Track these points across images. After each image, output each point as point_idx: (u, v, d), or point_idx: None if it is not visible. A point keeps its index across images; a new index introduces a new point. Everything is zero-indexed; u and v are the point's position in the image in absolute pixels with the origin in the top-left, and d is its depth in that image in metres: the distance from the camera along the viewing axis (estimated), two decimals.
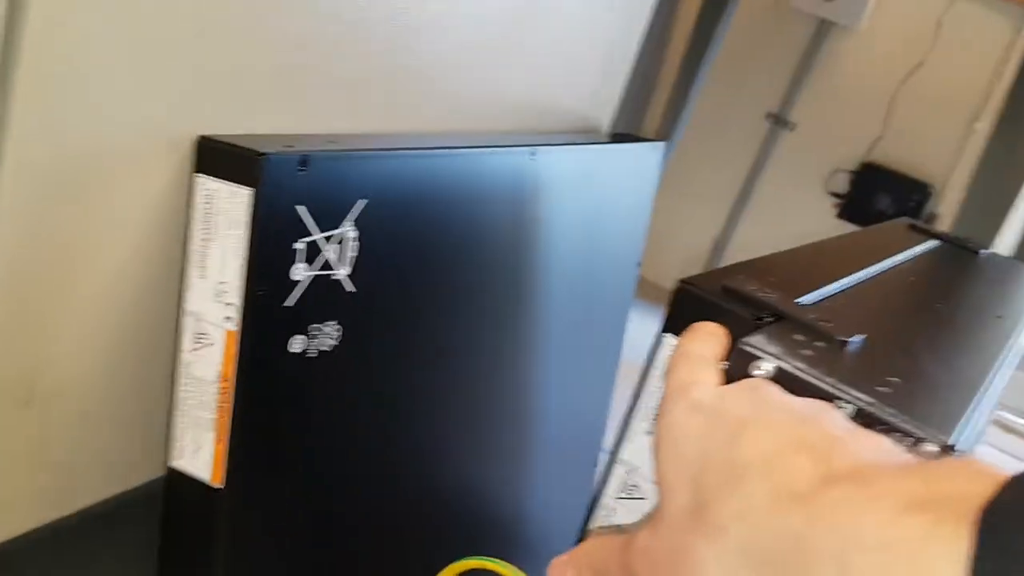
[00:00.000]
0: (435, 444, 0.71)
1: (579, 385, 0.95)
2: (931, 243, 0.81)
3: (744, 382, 0.36)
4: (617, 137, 0.94)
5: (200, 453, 0.50)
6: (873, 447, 0.31)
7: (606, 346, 0.99)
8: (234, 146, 0.46)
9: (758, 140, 2.59)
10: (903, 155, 2.37)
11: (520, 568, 0.48)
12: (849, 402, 0.36)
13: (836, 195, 2.48)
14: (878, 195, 2.38)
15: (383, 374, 0.61)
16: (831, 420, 0.32)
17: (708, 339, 0.40)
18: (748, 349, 0.38)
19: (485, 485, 0.81)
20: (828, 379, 0.37)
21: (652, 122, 2.17)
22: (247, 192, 0.45)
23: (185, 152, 0.48)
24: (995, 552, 0.23)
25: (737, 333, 0.41)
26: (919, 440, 0.35)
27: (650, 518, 0.34)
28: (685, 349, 0.39)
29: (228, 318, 0.47)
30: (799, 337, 0.41)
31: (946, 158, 2.32)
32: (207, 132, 0.48)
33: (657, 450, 0.34)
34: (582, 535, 0.50)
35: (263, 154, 0.45)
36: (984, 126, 2.00)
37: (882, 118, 2.39)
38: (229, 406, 0.48)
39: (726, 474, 0.30)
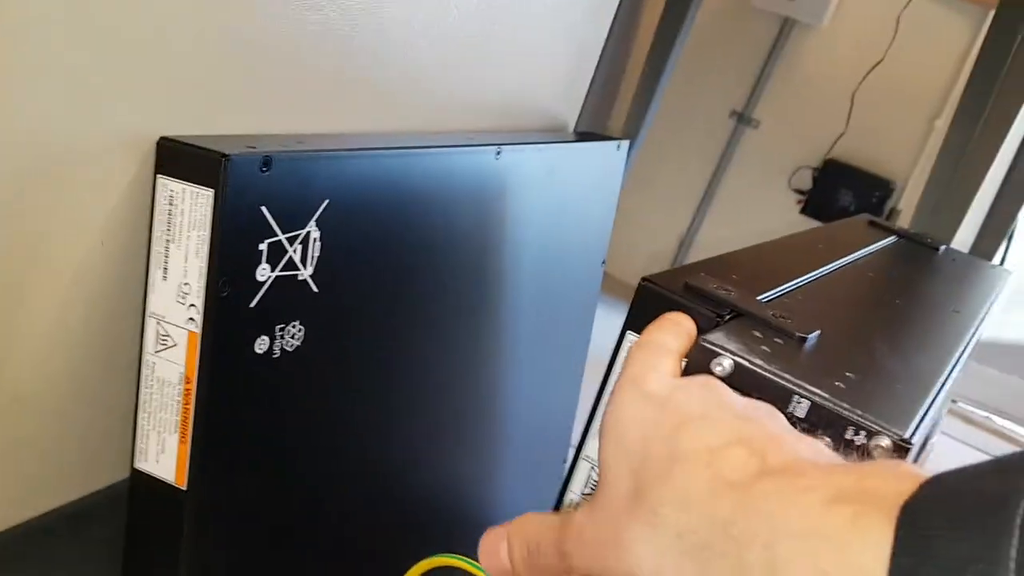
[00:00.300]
0: (402, 443, 0.71)
1: (546, 382, 0.96)
2: (890, 240, 0.82)
3: (697, 378, 0.37)
4: (582, 136, 0.95)
5: (164, 455, 0.50)
6: (809, 448, 0.32)
7: (572, 344, 0.99)
8: (196, 147, 0.46)
9: (723, 138, 2.62)
10: (865, 152, 2.41)
11: None
12: (805, 397, 0.37)
13: (800, 192, 2.51)
14: (841, 191, 2.41)
15: (348, 374, 0.61)
16: (773, 421, 0.33)
17: (673, 329, 0.40)
18: (707, 345, 0.39)
19: (452, 483, 0.81)
20: (785, 374, 0.38)
21: (617, 121, 2.18)
22: (209, 193, 0.45)
23: (147, 153, 0.47)
24: (914, 544, 0.24)
25: (698, 330, 0.42)
26: (874, 433, 0.36)
27: (589, 501, 0.35)
28: (648, 338, 0.40)
29: (191, 319, 0.47)
30: (758, 333, 0.42)
31: (907, 155, 2.36)
32: (169, 132, 0.48)
33: (603, 435, 0.35)
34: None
35: (226, 155, 0.45)
36: (943, 124, 2.03)
37: (844, 116, 2.42)
38: (193, 408, 0.48)
39: (667, 463, 0.31)
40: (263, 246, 0.48)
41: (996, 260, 1.53)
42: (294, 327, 0.53)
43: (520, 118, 0.86)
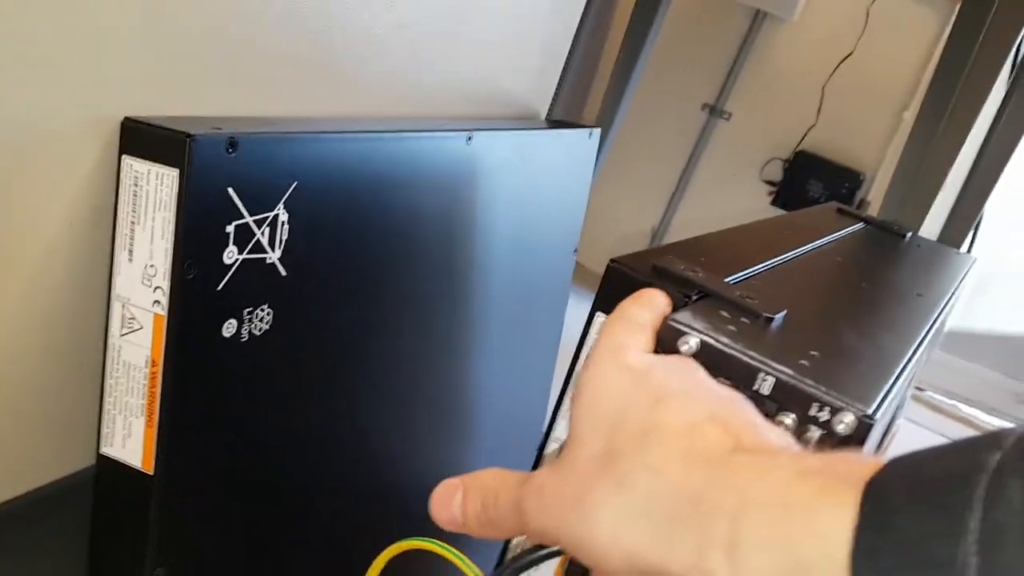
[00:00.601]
0: (373, 428, 0.71)
1: (518, 370, 0.96)
2: (858, 226, 0.83)
3: (675, 357, 0.37)
4: (554, 124, 0.95)
5: (130, 440, 0.49)
6: (780, 436, 0.33)
7: (545, 331, 1.00)
8: (161, 127, 0.45)
9: (695, 130, 2.63)
10: (835, 144, 2.43)
11: (460, 550, 0.48)
12: (771, 374, 0.37)
13: (771, 183, 2.53)
14: (811, 183, 2.43)
15: (318, 359, 0.60)
16: (748, 407, 0.34)
17: (648, 304, 0.40)
18: (674, 325, 0.39)
19: (424, 468, 0.81)
20: (751, 352, 0.38)
21: (591, 112, 2.19)
22: (174, 173, 0.44)
23: (111, 134, 0.47)
24: (877, 519, 0.24)
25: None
26: (838, 410, 0.36)
27: (554, 461, 0.35)
28: (624, 312, 0.40)
29: (157, 302, 0.47)
30: (725, 313, 0.42)
31: (876, 146, 2.38)
32: (134, 114, 0.47)
33: (577, 398, 0.35)
34: None
35: (190, 135, 0.44)
36: (911, 115, 2.05)
37: (815, 108, 2.44)
38: (159, 391, 0.48)
39: (644, 431, 0.31)
40: (230, 228, 0.48)
41: (963, 249, 1.55)
42: (262, 311, 0.53)
43: (492, 106, 0.86)
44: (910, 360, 0.48)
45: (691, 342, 0.39)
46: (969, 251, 1.61)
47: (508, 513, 0.35)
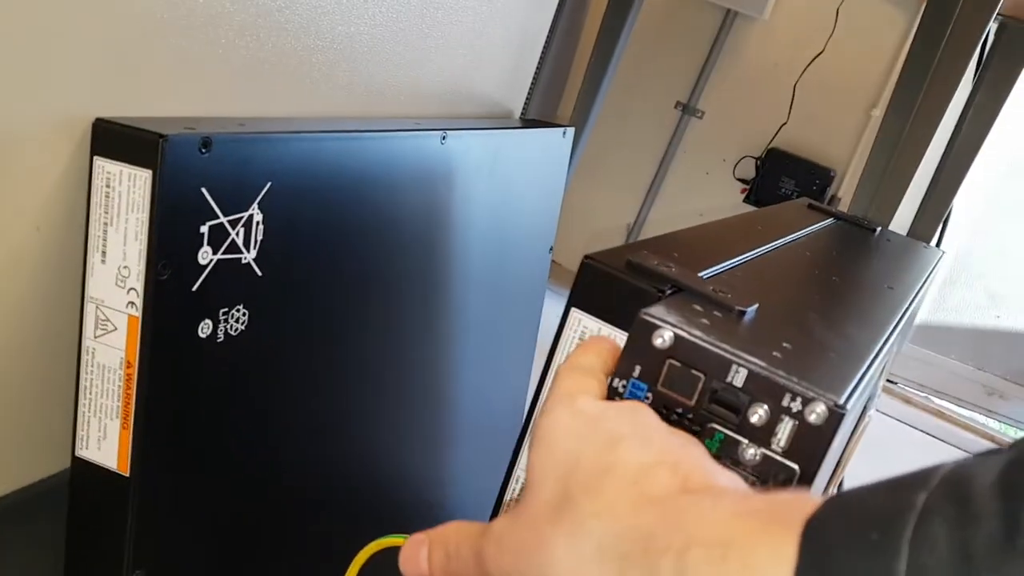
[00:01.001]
0: (350, 427, 0.70)
1: (495, 368, 0.96)
2: (828, 221, 0.84)
3: (626, 403, 0.38)
4: (528, 123, 0.95)
5: (106, 442, 0.49)
6: (727, 477, 0.34)
7: (521, 329, 1.00)
8: (133, 128, 0.45)
9: (668, 129, 2.64)
10: (806, 141, 2.46)
11: None
12: (743, 365, 0.38)
13: (743, 181, 2.55)
14: (783, 180, 2.45)
15: (295, 359, 0.60)
16: (696, 449, 0.35)
17: (597, 351, 0.41)
18: (648, 319, 0.40)
19: (403, 466, 0.81)
20: (723, 344, 0.38)
21: (566, 111, 2.20)
22: (147, 174, 0.44)
23: (82, 135, 0.46)
24: (815, 558, 0.25)
25: (640, 306, 0.43)
26: (809, 400, 0.37)
27: (511, 510, 0.36)
28: (575, 361, 0.41)
29: (131, 303, 0.46)
30: (698, 307, 0.43)
31: (846, 144, 2.41)
32: (105, 115, 0.47)
33: (533, 446, 0.36)
34: (497, 506, 0.51)
35: (163, 136, 0.44)
36: (880, 113, 2.08)
37: (786, 106, 2.46)
38: (134, 393, 0.47)
39: (596, 476, 0.32)
40: (204, 229, 0.48)
41: (932, 243, 1.57)
42: (238, 311, 0.53)
43: (465, 105, 0.86)
44: (880, 351, 0.49)
45: (665, 335, 0.39)
46: (938, 245, 1.63)
47: (470, 563, 0.36)
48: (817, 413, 0.37)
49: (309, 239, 0.58)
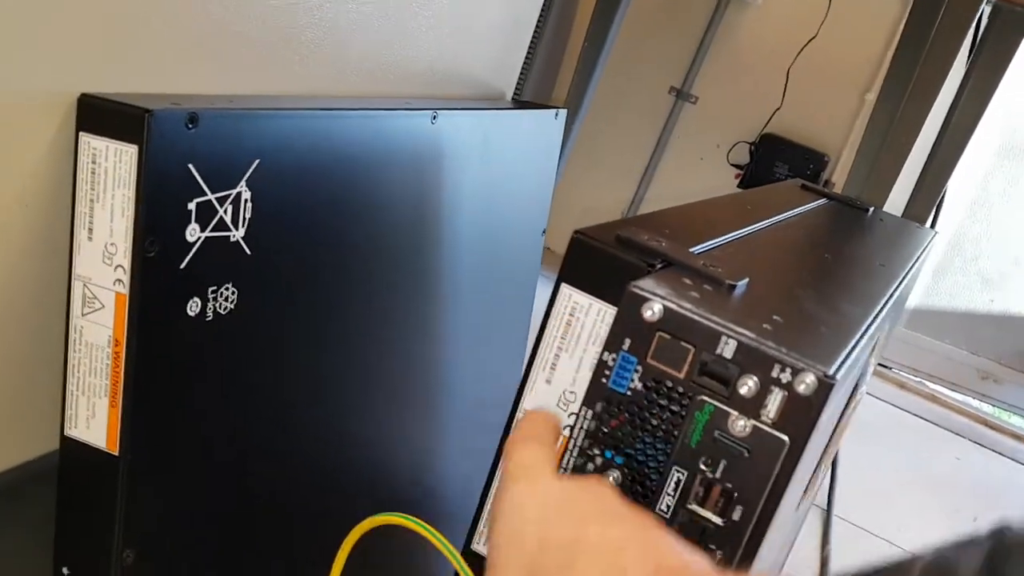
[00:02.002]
0: (341, 406, 0.70)
1: (488, 349, 0.96)
2: (821, 201, 0.84)
3: (590, 480, 0.37)
4: (520, 104, 0.95)
5: (95, 421, 0.49)
6: (698, 559, 0.33)
7: (514, 310, 1.00)
8: (119, 103, 0.45)
9: (662, 114, 2.64)
10: (800, 126, 2.45)
11: (431, 524, 0.48)
12: (732, 337, 0.38)
13: (737, 166, 2.54)
14: (777, 165, 2.45)
15: (284, 338, 0.60)
16: (664, 530, 0.34)
17: (542, 422, 0.41)
18: (637, 291, 0.40)
19: (394, 446, 0.81)
20: (713, 316, 0.38)
21: (560, 94, 2.19)
22: (133, 150, 0.44)
23: (68, 111, 0.46)
24: None
25: (630, 280, 0.42)
26: (799, 371, 0.37)
27: None
28: (525, 432, 0.41)
29: (118, 281, 0.46)
30: (688, 281, 0.43)
31: (840, 128, 2.40)
32: (91, 90, 0.46)
33: (495, 522, 0.36)
34: (488, 483, 0.51)
35: (149, 111, 0.44)
36: (874, 97, 2.08)
37: (780, 91, 2.46)
38: (122, 371, 0.47)
39: (567, 552, 0.32)
40: (192, 205, 0.48)
41: (927, 226, 1.57)
42: (227, 289, 0.52)
43: (456, 86, 0.86)
44: (871, 325, 0.49)
45: (655, 308, 0.39)
46: (932, 228, 1.63)
47: None
48: (806, 384, 0.37)
49: (298, 218, 0.57)
